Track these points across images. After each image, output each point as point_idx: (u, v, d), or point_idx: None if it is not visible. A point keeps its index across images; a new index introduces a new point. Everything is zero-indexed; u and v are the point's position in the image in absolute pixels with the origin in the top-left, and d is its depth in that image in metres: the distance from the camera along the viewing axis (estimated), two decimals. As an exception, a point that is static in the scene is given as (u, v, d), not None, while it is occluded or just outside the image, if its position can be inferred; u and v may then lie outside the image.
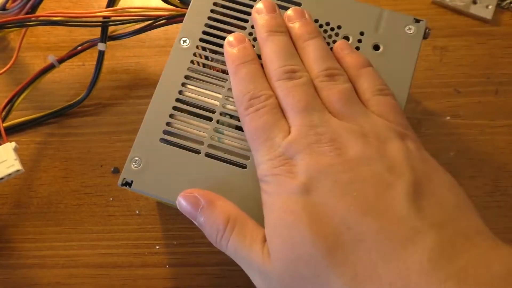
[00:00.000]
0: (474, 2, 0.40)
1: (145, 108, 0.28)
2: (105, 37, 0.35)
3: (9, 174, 0.32)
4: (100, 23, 0.34)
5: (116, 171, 0.37)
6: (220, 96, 0.28)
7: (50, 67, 0.36)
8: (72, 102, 0.38)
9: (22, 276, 0.34)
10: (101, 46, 0.35)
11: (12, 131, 0.37)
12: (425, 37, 0.30)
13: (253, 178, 0.26)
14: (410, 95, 0.36)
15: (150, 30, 0.35)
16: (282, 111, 0.25)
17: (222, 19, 0.30)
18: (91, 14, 0.34)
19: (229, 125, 0.28)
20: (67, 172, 0.37)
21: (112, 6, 0.34)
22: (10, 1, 0.36)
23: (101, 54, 0.36)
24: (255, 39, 0.29)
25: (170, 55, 0.30)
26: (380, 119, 0.25)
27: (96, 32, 0.35)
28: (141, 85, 0.39)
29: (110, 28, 0.36)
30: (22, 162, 0.32)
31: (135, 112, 0.38)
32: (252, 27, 0.30)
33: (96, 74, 0.36)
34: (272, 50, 0.27)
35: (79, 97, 0.37)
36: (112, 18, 0.34)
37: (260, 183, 0.24)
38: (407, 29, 0.29)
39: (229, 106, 0.28)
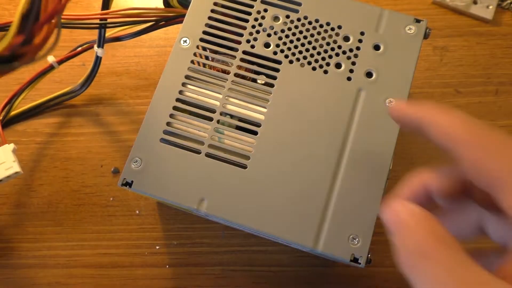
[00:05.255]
0: (475, 2, 0.40)
1: (145, 108, 0.28)
2: (102, 40, 0.35)
3: (8, 176, 0.31)
4: (98, 25, 0.34)
5: (116, 171, 0.37)
6: (220, 96, 0.28)
7: (49, 68, 0.36)
8: (69, 89, 0.38)
9: (22, 276, 0.34)
10: (99, 52, 0.35)
11: (14, 122, 0.37)
12: (425, 37, 0.30)
13: (253, 178, 0.27)
14: (410, 95, 0.36)
15: (151, 31, 0.35)
16: None
17: (222, 19, 0.30)
18: (89, 16, 0.34)
19: (229, 125, 0.28)
20: (67, 172, 0.37)
21: (107, 9, 0.33)
22: (10, 1, 0.36)
23: (98, 59, 0.35)
24: (255, 39, 0.29)
25: (171, 55, 0.30)
26: None
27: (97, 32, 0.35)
28: (141, 85, 0.39)
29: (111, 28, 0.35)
30: (22, 162, 0.32)
31: (135, 112, 0.38)
32: (253, 26, 0.30)
33: (93, 75, 0.36)
34: None
35: (76, 85, 0.37)
36: (111, 20, 0.34)
37: None
38: (408, 29, 0.29)
39: (229, 106, 0.28)
